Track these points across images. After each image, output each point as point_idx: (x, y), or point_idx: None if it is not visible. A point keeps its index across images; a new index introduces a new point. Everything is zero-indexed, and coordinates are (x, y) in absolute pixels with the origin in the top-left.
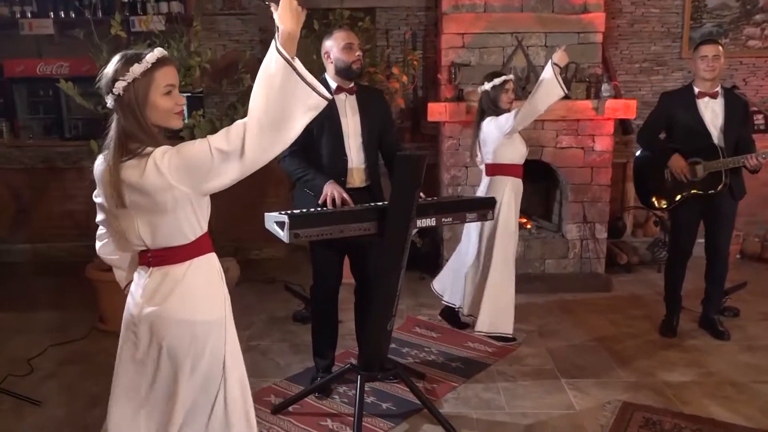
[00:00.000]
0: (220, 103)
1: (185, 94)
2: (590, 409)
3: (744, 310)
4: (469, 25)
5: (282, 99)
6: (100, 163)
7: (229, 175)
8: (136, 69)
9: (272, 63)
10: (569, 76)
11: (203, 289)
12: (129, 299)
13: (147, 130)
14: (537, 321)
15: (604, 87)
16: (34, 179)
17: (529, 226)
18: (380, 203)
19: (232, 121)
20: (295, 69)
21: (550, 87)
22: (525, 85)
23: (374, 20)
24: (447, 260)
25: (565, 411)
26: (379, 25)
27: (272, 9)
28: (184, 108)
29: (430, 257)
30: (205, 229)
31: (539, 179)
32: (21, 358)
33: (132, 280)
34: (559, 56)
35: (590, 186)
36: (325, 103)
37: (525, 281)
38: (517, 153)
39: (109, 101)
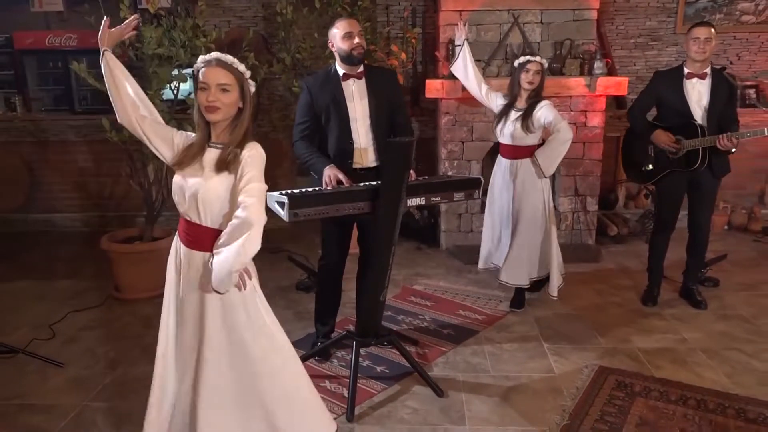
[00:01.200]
0: None
1: (189, 70)
2: (568, 373)
3: (724, 281)
4: (467, 3)
5: None
6: None
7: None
8: (198, 64)
9: None
10: (564, 53)
11: None
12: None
13: (199, 120)
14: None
15: (597, 64)
16: (47, 152)
17: None
18: (373, 183)
19: None
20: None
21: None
22: None
23: None
24: (445, 232)
25: (545, 374)
26: (379, 1)
27: None
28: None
29: (428, 229)
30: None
31: None
32: (43, 324)
33: None
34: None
35: (582, 160)
36: None
37: None
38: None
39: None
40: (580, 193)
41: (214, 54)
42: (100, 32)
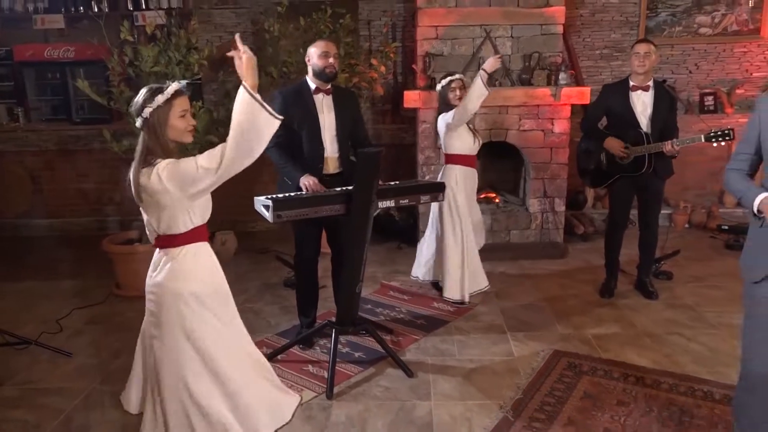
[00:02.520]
0: (217, 90)
1: (184, 81)
2: (526, 356)
3: (677, 274)
4: (442, 19)
5: (256, 129)
6: (132, 169)
7: (206, 183)
8: (160, 98)
9: (246, 105)
10: (532, 65)
11: (191, 269)
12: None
13: (164, 146)
14: (497, 285)
15: (562, 75)
16: (48, 160)
17: (497, 201)
18: (348, 188)
19: (227, 108)
20: (264, 108)
21: (478, 90)
22: (491, 73)
23: (357, 11)
24: (423, 232)
25: (505, 357)
26: (361, 17)
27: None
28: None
29: (407, 229)
30: (198, 223)
31: (509, 158)
32: (50, 319)
33: None
34: (490, 64)
35: (550, 164)
36: (280, 121)
37: (491, 250)
38: (465, 144)
39: (138, 122)
40: (548, 194)
41: (183, 82)
42: (245, 71)
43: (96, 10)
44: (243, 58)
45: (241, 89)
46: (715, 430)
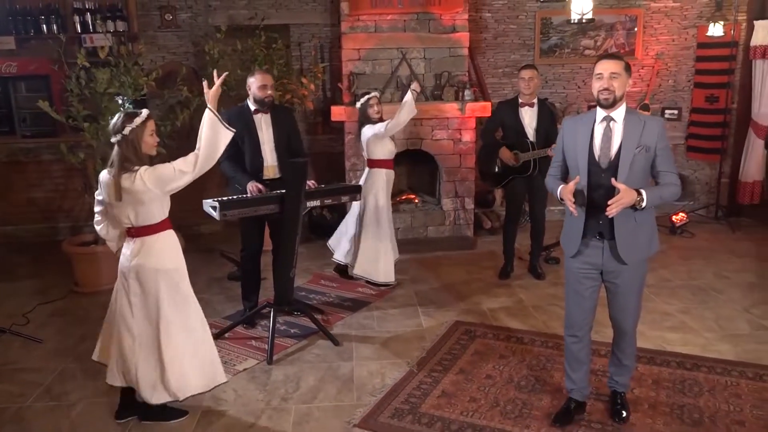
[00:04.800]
0: (161, 105)
1: (132, 99)
2: (432, 327)
3: (563, 259)
4: (363, 42)
5: (215, 140)
6: (105, 175)
7: (184, 181)
8: (137, 120)
9: (211, 122)
10: (443, 82)
11: (166, 249)
12: (121, 259)
13: (140, 156)
14: (413, 272)
15: (467, 92)
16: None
17: (416, 201)
18: (281, 191)
19: (172, 123)
20: (222, 123)
21: (409, 107)
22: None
23: (288, 34)
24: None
25: (415, 328)
26: (292, 39)
27: (205, 86)
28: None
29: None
30: (166, 215)
31: (426, 164)
32: (17, 314)
33: (121, 247)
34: (415, 86)
35: (459, 169)
36: (233, 133)
37: (411, 244)
38: (386, 150)
39: (115, 138)
40: (459, 194)
41: (147, 110)
42: (211, 97)
43: (46, 32)
44: (212, 91)
45: (207, 111)
46: (561, 365)
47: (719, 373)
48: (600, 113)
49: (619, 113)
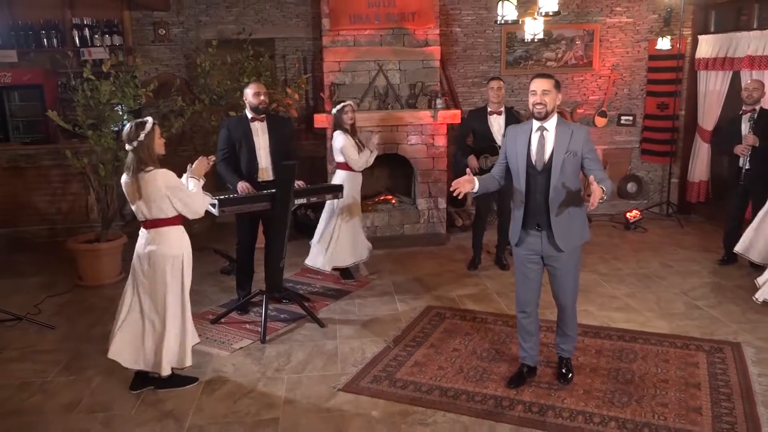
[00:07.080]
0: (155, 114)
1: (129, 109)
2: (406, 311)
3: None
4: (343, 55)
5: (200, 201)
6: (125, 178)
7: (179, 196)
8: (147, 127)
9: (196, 190)
10: (417, 92)
11: (175, 240)
12: (137, 246)
13: (153, 158)
14: (390, 266)
15: (438, 101)
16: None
17: (393, 202)
18: (272, 190)
19: (167, 130)
20: (204, 193)
21: (366, 160)
22: (384, 99)
23: (274, 47)
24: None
25: (392, 312)
26: (277, 52)
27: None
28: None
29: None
30: (177, 213)
31: (402, 167)
32: (29, 305)
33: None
34: (376, 140)
35: (432, 171)
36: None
37: (389, 240)
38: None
39: (131, 146)
40: (432, 195)
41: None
42: (195, 169)
43: (46, 45)
44: (201, 163)
45: (193, 180)
46: (515, 339)
47: (653, 343)
48: (535, 124)
49: (551, 123)
